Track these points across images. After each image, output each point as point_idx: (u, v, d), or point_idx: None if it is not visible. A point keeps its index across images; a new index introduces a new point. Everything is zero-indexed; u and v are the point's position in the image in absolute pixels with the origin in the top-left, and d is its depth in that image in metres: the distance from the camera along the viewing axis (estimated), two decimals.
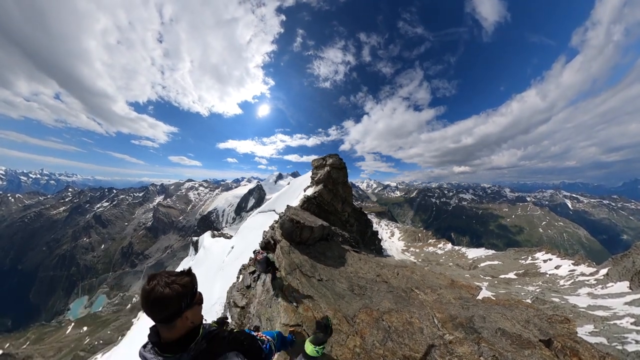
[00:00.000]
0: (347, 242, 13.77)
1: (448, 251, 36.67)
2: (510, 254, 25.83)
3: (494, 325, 4.95)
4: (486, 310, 5.71)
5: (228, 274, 13.54)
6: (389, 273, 8.64)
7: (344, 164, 23.83)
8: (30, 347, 53.55)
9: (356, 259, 9.72)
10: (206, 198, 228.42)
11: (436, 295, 6.93)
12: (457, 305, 6.19)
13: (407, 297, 6.70)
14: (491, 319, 5.22)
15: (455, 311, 5.71)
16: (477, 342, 4.28)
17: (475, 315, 5.38)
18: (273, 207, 25.46)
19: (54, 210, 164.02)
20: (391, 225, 63.86)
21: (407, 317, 5.27)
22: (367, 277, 8.02)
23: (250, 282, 8.72)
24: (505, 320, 5.19)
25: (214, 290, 12.78)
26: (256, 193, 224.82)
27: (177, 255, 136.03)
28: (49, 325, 68.28)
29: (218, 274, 15.82)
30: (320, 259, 8.60)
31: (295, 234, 9.14)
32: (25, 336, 58.87)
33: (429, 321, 5.20)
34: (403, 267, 9.69)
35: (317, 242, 10.06)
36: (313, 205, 18.35)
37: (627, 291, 11.66)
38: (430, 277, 8.66)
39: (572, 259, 19.75)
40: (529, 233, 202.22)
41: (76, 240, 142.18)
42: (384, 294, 6.67)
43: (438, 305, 6.06)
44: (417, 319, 5.23)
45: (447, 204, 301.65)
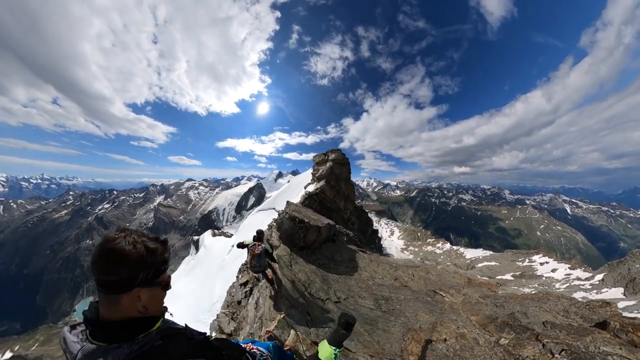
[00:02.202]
0: (352, 242, 13.04)
1: (446, 251, 36.86)
2: (508, 256, 26.00)
3: (537, 319, 4.55)
4: (522, 306, 5.24)
5: (229, 273, 13.65)
6: (405, 275, 7.78)
7: (346, 160, 22.99)
8: (40, 349, 54.45)
9: (367, 261, 8.71)
10: (206, 197, 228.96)
11: (462, 295, 6.27)
12: (490, 304, 5.63)
13: (434, 301, 5.95)
14: (531, 314, 4.78)
15: (489, 311, 5.19)
16: (536, 339, 3.87)
17: (515, 312, 4.87)
18: (273, 205, 25.49)
19: (56, 214, 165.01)
20: (391, 224, 63.89)
21: (454, 329, 4.49)
22: (386, 284, 7.03)
23: (241, 297, 6.91)
24: (545, 313, 4.80)
25: (215, 289, 12.91)
26: (256, 191, 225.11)
27: (178, 255, 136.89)
28: (57, 327, 69.31)
29: (219, 273, 15.94)
30: (330, 267, 7.27)
31: (298, 236, 7.47)
32: (34, 338, 59.73)
33: (472, 326, 4.57)
34: (416, 267, 8.94)
35: (323, 244, 8.76)
36: (315, 202, 17.39)
37: (622, 297, 11.80)
38: (446, 277, 8.01)
39: (569, 263, 19.86)
40: (527, 236, 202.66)
41: (79, 243, 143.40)
42: (413, 303, 5.84)
43: (469, 307, 5.49)
44: (465, 328, 4.51)
45: (447, 204, 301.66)
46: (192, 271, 22.40)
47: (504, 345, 3.93)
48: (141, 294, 0.98)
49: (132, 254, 0.98)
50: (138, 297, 0.98)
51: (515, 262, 23.43)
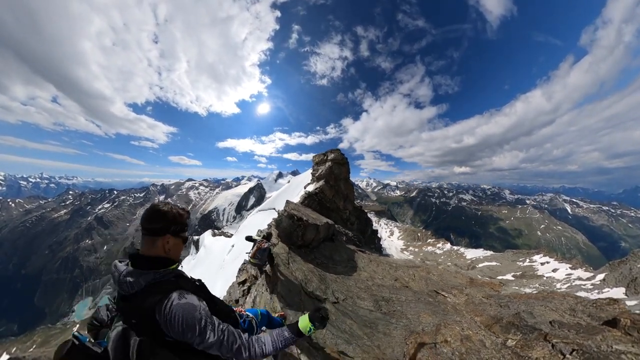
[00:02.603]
0: (351, 241, 12.99)
1: (447, 251, 36.84)
2: (509, 256, 25.99)
3: (544, 319, 4.31)
4: (527, 306, 4.99)
5: (229, 273, 13.58)
6: (405, 275, 7.59)
7: (345, 160, 23.20)
8: (37, 350, 53.93)
9: (367, 261, 8.56)
10: (207, 197, 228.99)
11: (464, 296, 6.04)
12: (494, 305, 5.38)
13: (437, 302, 5.75)
14: (537, 313, 4.55)
15: (494, 311, 4.97)
16: (544, 339, 3.69)
17: (520, 311, 4.67)
18: (273, 206, 25.43)
19: (55, 214, 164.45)
20: (390, 225, 63.84)
21: (459, 331, 4.26)
22: (386, 284, 6.82)
23: (239, 295, 6.78)
24: (551, 312, 4.56)
25: (215, 289, 12.84)
26: (256, 191, 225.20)
27: None
28: (55, 328, 68.87)
29: (219, 273, 15.87)
30: (328, 266, 7.14)
31: (296, 234, 7.47)
32: (31, 339, 59.31)
33: (477, 327, 4.38)
34: (416, 267, 8.75)
35: (322, 244, 8.70)
36: (314, 202, 17.42)
37: (623, 297, 11.71)
38: (448, 277, 7.81)
39: (570, 263, 19.86)
40: (527, 236, 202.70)
41: (78, 243, 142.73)
42: (415, 304, 5.63)
43: (473, 308, 5.26)
44: (470, 330, 4.32)
45: (447, 204, 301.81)
46: (192, 271, 22.32)
47: (512, 347, 3.77)
48: (169, 240, 1.54)
49: (168, 213, 1.54)
50: (167, 242, 1.53)
51: (516, 262, 23.39)
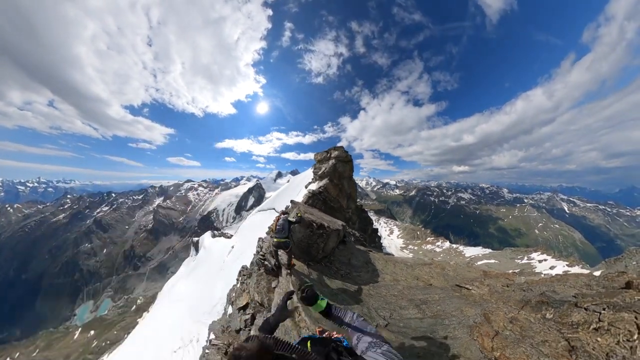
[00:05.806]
0: (358, 242, 12.53)
1: (446, 249, 37.04)
2: (507, 254, 26.23)
3: (566, 294, 4.58)
4: (547, 287, 5.18)
5: (229, 274, 13.54)
6: (424, 273, 7.37)
7: (349, 157, 22.51)
8: (40, 355, 54.05)
9: (383, 262, 8.02)
10: (206, 198, 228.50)
11: (486, 286, 6.03)
12: (517, 290, 5.45)
13: (463, 295, 5.68)
14: (559, 291, 4.79)
15: (519, 296, 5.07)
16: (575, 306, 3.93)
17: (544, 292, 4.88)
18: (273, 206, 25.34)
19: (54, 218, 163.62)
20: (390, 223, 63.96)
21: (504, 315, 4.34)
22: (412, 285, 6.49)
23: (241, 325, 5.28)
24: (570, 289, 4.83)
25: (215, 291, 12.82)
26: (255, 192, 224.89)
27: (178, 256, 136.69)
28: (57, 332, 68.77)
29: (219, 274, 15.82)
30: (352, 275, 6.25)
31: (317, 247, 5.85)
32: (34, 344, 59.28)
33: (515, 310, 4.55)
34: (428, 265, 8.60)
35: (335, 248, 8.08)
36: (319, 202, 16.54)
37: None
38: (463, 272, 7.76)
39: (567, 261, 20.09)
40: (525, 234, 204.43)
41: (78, 247, 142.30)
42: (449, 300, 5.53)
43: (498, 296, 5.34)
44: (512, 313, 4.44)
45: (446, 202, 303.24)
46: (192, 273, 22.25)
47: (552, 319, 4.01)
48: None
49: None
50: None
51: (514, 260, 23.63)
